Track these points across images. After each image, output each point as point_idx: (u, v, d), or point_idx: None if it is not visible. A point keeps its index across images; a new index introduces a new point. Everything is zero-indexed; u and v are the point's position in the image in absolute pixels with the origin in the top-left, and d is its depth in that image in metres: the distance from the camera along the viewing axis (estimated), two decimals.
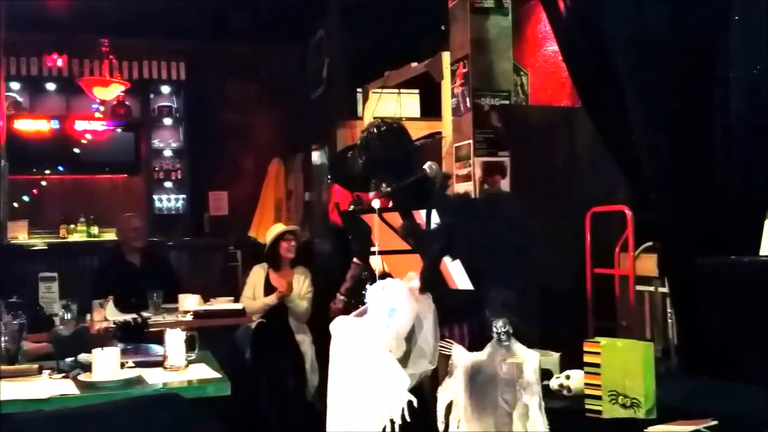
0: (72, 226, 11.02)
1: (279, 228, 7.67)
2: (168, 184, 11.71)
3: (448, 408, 2.68)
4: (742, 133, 4.41)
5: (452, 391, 2.68)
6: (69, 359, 4.30)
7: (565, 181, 6.41)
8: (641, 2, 4.70)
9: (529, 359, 2.50)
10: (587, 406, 3.18)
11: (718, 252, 4.34)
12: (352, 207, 4.72)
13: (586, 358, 3.23)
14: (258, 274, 7.63)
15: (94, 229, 11.08)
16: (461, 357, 2.68)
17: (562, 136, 6.67)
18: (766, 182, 4.38)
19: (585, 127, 6.03)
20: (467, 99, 6.38)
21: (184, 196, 11.70)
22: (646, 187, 4.82)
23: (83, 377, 4.03)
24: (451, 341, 2.94)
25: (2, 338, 4.40)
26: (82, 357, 4.28)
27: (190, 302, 7.00)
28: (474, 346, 2.96)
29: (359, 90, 9.45)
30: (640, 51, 4.73)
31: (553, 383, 3.46)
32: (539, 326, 3.25)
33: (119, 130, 11.40)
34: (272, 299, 7.27)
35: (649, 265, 5.45)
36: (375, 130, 4.33)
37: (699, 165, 4.58)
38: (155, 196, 11.62)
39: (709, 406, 3.06)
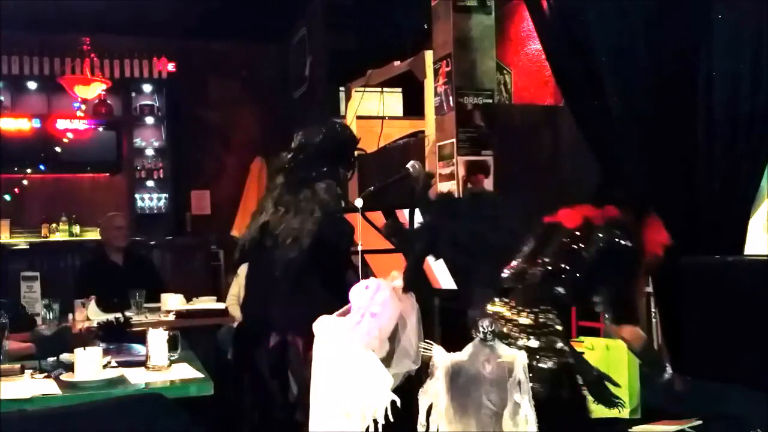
0: (54, 225, 10.96)
1: None
2: (150, 183, 11.64)
3: (430, 409, 2.67)
4: (725, 131, 4.42)
5: (433, 393, 2.67)
6: (51, 359, 4.27)
7: (548, 180, 6.41)
8: (624, 1, 4.71)
9: (520, 358, 2.49)
10: None
11: (702, 251, 4.35)
12: None
13: None
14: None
15: (76, 229, 11.02)
16: (442, 358, 2.66)
17: (546, 134, 6.68)
18: (750, 181, 4.39)
19: (568, 126, 6.04)
20: (450, 98, 6.38)
21: (167, 195, 11.62)
22: (630, 186, 4.82)
23: (65, 377, 4.00)
24: (431, 342, 2.93)
25: None
26: (65, 357, 4.26)
27: (172, 302, 6.97)
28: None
29: (342, 89, 9.44)
30: (622, 49, 4.74)
31: None
32: None
33: (101, 128, 11.29)
34: None
35: None
36: None
37: (682, 163, 4.58)
38: (137, 195, 11.53)
39: (693, 405, 3.06)
